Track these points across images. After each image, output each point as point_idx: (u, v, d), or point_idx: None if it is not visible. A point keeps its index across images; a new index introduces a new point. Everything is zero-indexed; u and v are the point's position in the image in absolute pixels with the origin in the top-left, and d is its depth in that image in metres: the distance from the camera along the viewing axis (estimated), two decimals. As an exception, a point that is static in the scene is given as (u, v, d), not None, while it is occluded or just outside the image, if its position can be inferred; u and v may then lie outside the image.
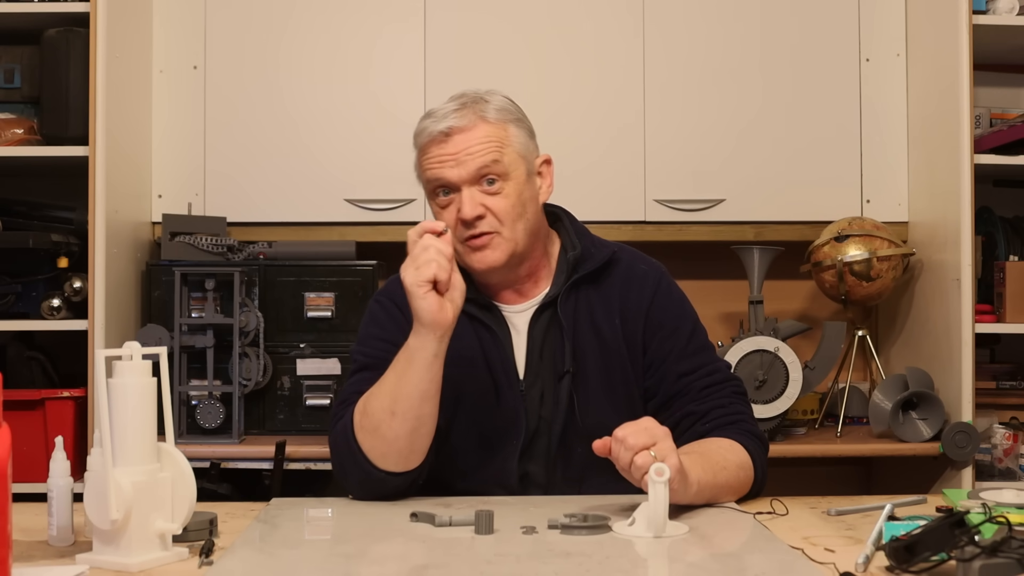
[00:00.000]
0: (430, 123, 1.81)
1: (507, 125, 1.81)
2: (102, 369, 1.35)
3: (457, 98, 1.83)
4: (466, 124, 1.78)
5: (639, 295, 1.86)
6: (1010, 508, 1.46)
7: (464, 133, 1.78)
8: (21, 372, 2.72)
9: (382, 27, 2.96)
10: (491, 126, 1.79)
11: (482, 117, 1.79)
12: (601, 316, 1.84)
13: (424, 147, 1.81)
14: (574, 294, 1.85)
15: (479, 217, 1.77)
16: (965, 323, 2.61)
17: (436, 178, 1.79)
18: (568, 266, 1.85)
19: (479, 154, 1.77)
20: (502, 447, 1.81)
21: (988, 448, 2.72)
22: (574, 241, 1.88)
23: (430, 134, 1.80)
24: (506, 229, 1.79)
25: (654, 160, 2.95)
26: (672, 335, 1.85)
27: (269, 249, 2.84)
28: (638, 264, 1.90)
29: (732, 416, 1.78)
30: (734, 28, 2.98)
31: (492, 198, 1.78)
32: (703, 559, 1.40)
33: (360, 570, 1.37)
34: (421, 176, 1.85)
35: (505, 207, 1.78)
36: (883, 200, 2.97)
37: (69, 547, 1.48)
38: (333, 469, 1.79)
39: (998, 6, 2.71)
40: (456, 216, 1.78)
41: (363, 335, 1.89)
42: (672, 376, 1.82)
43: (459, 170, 1.77)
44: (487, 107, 1.81)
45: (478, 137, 1.78)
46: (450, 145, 1.78)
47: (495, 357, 1.82)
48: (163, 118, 2.95)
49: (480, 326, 1.84)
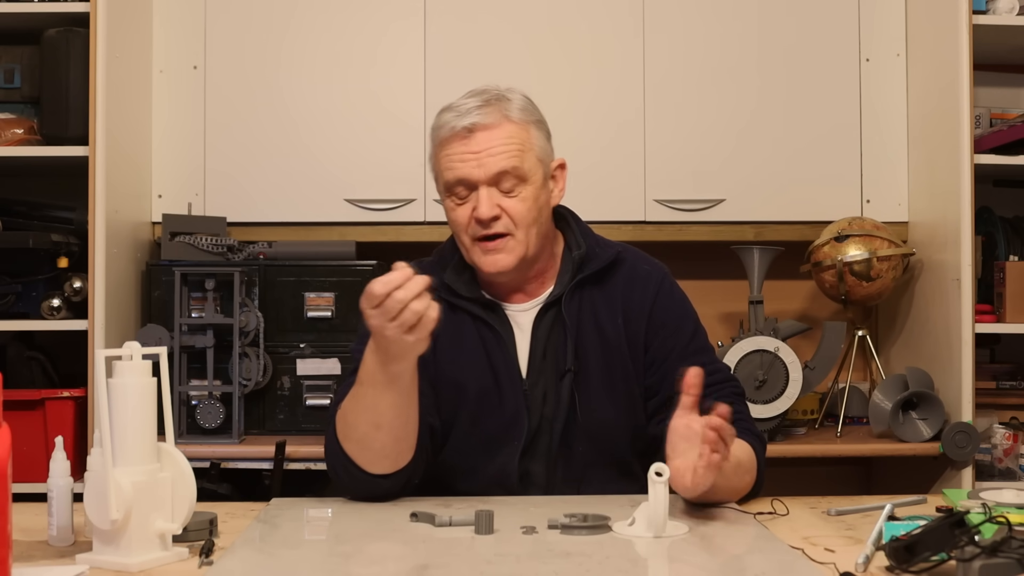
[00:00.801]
0: (452, 118, 1.78)
1: (529, 127, 1.81)
2: (102, 369, 1.35)
3: (479, 94, 1.81)
4: (491, 122, 1.77)
5: (642, 295, 1.86)
6: (1010, 508, 1.46)
7: (488, 131, 1.77)
8: (21, 372, 2.72)
9: (382, 27, 2.96)
10: (515, 126, 1.79)
11: (506, 116, 1.79)
12: (604, 315, 1.85)
13: (444, 142, 1.79)
14: (578, 293, 1.85)
15: (495, 218, 1.77)
16: (965, 323, 2.61)
17: (457, 177, 1.77)
18: (573, 265, 1.86)
19: (502, 156, 1.76)
20: (503, 447, 1.81)
21: (988, 448, 2.72)
22: (579, 241, 1.88)
23: (452, 129, 1.78)
24: (520, 232, 1.79)
25: (654, 160, 2.95)
26: (674, 334, 1.85)
27: (269, 249, 2.84)
28: (641, 264, 1.90)
29: (733, 415, 1.78)
30: (734, 28, 2.98)
31: (509, 200, 1.78)
32: (703, 559, 1.40)
33: (360, 570, 1.37)
34: (437, 171, 1.82)
35: (521, 211, 1.78)
36: (883, 200, 2.97)
37: (69, 547, 1.48)
38: (327, 469, 1.79)
39: (998, 6, 2.71)
40: (470, 214, 1.78)
41: (363, 332, 1.88)
42: (673, 374, 1.82)
43: (481, 170, 1.76)
44: (511, 106, 1.80)
45: (501, 137, 1.77)
46: (473, 142, 1.76)
47: (498, 357, 1.82)
48: (163, 118, 2.95)
49: (483, 326, 1.83)
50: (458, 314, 1.84)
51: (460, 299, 1.84)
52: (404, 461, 1.70)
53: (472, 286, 1.86)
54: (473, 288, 1.85)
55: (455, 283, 1.85)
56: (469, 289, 1.85)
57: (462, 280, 1.85)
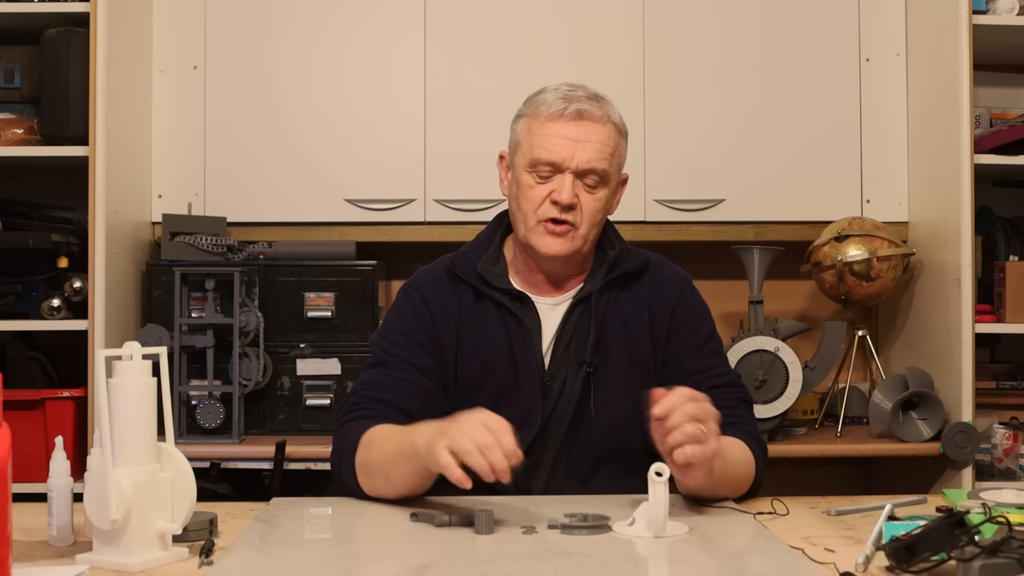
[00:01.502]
0: (560, 98, 1.82)
1: (622, 135, 1.86)
2: (102, 369, 1.35)
3: (580, 87, 1.85)
4: (599, 115, 1.81)
5: (667, 295, 1.90)
6: (1010, 508, 1.46)
7: (594, 123, 1.80)
8: (21, 372, 2.72)
9: (382, 27, 2.96)
10: (615, 129, 1.84)
11: (610, 116, 1.84)
12: (631, 313, 1.88)
13: (548, 118, 1.81)
14: (607, 292, 1.88)
15: (571, 206, 1.79)
16: (965, 323, 2.61)
17: (551, 159, 1.79)
18: (607, 264, 1.89)
19: (598, 153, 1.80)
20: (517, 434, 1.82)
21: (988, 448, 2.72)
22: (613, 242, 1.93)
23: (561, 110, 1.80)
24: (584, 227, 1.82)
25: (654, 160, 2.95)
26: (691, 335, 1.88)
27: (269, 249, 2.84)
28: (667, 270, 1.95)
29: (734, 418, 1.79)
30: (734, 28, 2.98)
31: (586, 195, 1.81)
32: (703, 559, 1.40)
33: (360, 570, 1.37)
34: (528, 144, 1.83)
35: (594, 208, 1.82)
36: (883, 200, 2.97)
37: (69, 547, 1.48)
38: (330, 461, 1.79)
39: (998, 6, 2.71)
40: (547, 195, 1.80)
41: (386, 325, 1.90)
42: (684, 372, 1.84)
43: (577, 159, 1.79)
44: (614, 110, 1.85)
45: (604, 134, 1.81)
46: (578, 128, 1.79)
47: (521, 350, 1.84)
48: (163, 118, 2.95)
49: (510, 317, 1.85)
50: (484, 303, 1.86)
51: (490, 288, 1.86)
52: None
53: (503, 277, 1.88)
54: (504, 279, 1.87)
55: (488, 272, 1.87)
56: (500, 280, 1.87)
57: (495, 270, 1.88)
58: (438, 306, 1.86)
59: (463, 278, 1.87)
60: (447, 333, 1.85)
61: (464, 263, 1.89)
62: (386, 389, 1.78)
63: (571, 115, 1.80)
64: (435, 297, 1.87)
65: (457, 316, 1.86)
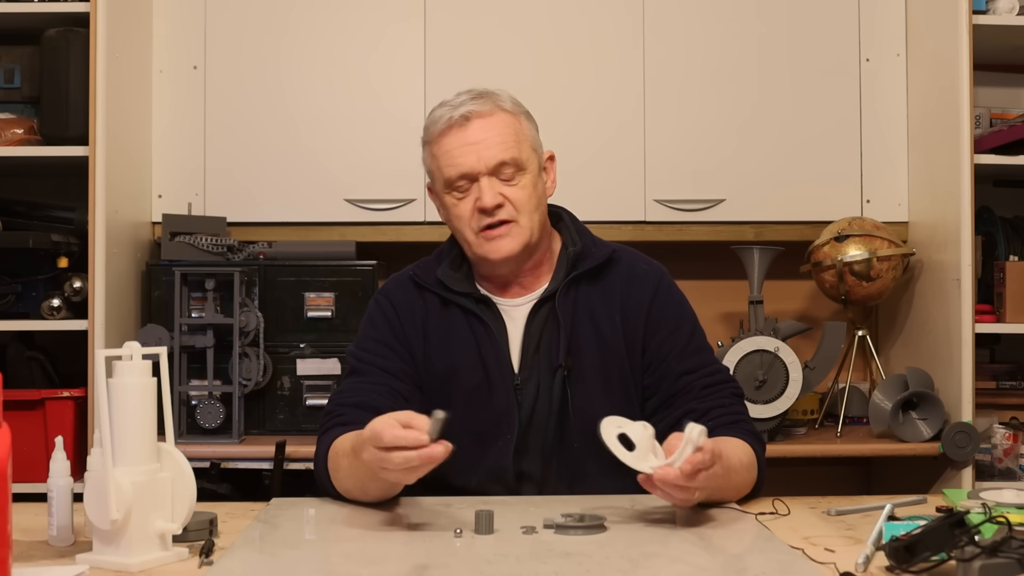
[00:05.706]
0: (446, 111, 1.82)
1: (520, 117, 1.85)
2: (102, 369, 1.35)
3: (466, 92, 1.85)
4: (485, 111, 1.81)
5: (640, 294, 1.87)
6: (1010, 508, 1.46)
7: (483, 119, 1.80)
8: (21, 372, 2.72)
9: (382, 27, 2.96)
10: (508, 115, 1.83)
11: (499, 106, 1.82)
12: (601, 313, 1.86)
13: (440, 135, 1.82)
14: (573, 290, 1.86)
15: (498, 206, 1.79)
16: (965, 323, 2.61)
17: (459, 172, 1.80)
18: (568, 262, 1.87)
19: (499, 146, 1.79)
20: (496, 440, 1.82)
21: (988, 448, 2.72)
22: (575, 238, 1.90)
23: (449, 120, 1.80)
24: (523, 218, 1.81)
25: (654, 160, 2.95)
26: (672, 334, 1.86)
27: (269, 249, 2.84)
28: (639, 264, 1.92)
29: (733, 416, 1.79)
30: (734, 28, 2.98)
31: (509, 188, 1.81)
32: (703, 559, 1.40)
33: (360, 570, 1.37)
34: (436, 168, 1.84)
35: (523, 197, 1.81)
36: (883, 200, 2.97)
37: (69, 547, 1.48)
38: (314, 471, 1.80)
39: (998, 6, 2.71)
40: (472, 206, 1.80)
41: (360, 334, 1.91)
42: (673, 375, 1.82)
43: (482, 162, 1.79)
44: (501, 98, 1.84)
45: (498, 126, 1.80)
46: (470, 132, 1.79)
47: (489, 352, 1.83)
48: (163, 118, 2.95)
49: (475, 320, 1.85)
50: (450, 309, 1.86)
51: (453, 294, 1.86)
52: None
53: (466, 282, 1.88)
54: (467, 283, 1.87)
55: (449, 278, 1.87)
56: (463, 284, 1.87)
57: (457, 275, 1.88)
58: (406, 310, 1.87)
59: (426, 286, 1.88)
60: (415, 336, 1.85)
61: (425, 271, 1.89)
62: (359, 394, 1.79)
63: (459, 122, 1.79)
64: (403, 302, 1.87)
65: (424, 319, 1.86)
